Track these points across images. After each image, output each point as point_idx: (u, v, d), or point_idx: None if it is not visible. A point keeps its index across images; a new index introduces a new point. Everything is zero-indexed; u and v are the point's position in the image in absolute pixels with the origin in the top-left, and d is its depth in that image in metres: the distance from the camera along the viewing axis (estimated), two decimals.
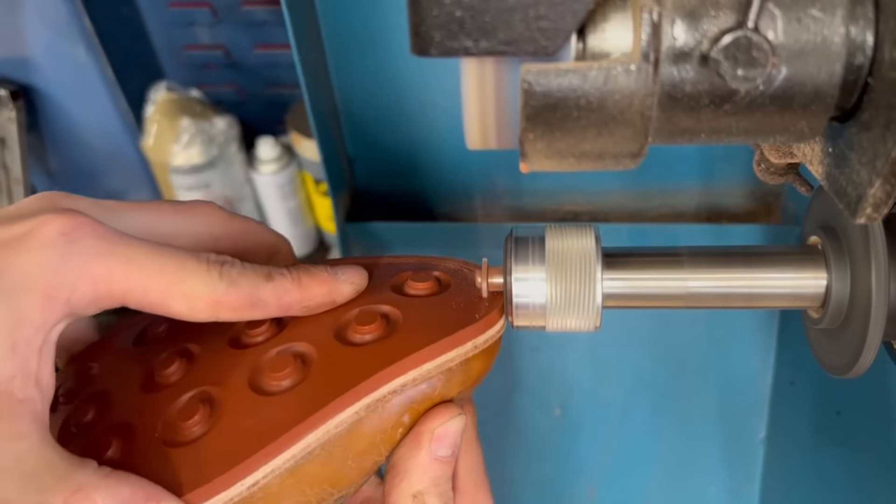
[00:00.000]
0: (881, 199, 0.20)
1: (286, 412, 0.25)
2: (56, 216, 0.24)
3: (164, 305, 0.25)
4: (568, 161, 0.22)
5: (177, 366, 0.28)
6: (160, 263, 0.25)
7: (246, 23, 0.81)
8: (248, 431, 0.25)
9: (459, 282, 0.30)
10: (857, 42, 0.20)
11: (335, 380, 0.26)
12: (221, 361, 0.28)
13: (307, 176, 0.88)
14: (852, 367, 0.28)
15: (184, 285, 0.25)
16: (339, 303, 0.29)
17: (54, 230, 0.24)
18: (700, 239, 0.60)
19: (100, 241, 0.24)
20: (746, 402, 0.63)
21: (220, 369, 0.28)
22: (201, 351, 0.29)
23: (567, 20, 0.19)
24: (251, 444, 0.24)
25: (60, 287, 0.23)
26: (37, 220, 0.24)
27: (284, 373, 0.26)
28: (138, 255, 0.25)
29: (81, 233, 0.24)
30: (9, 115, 0.82)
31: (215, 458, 0.25)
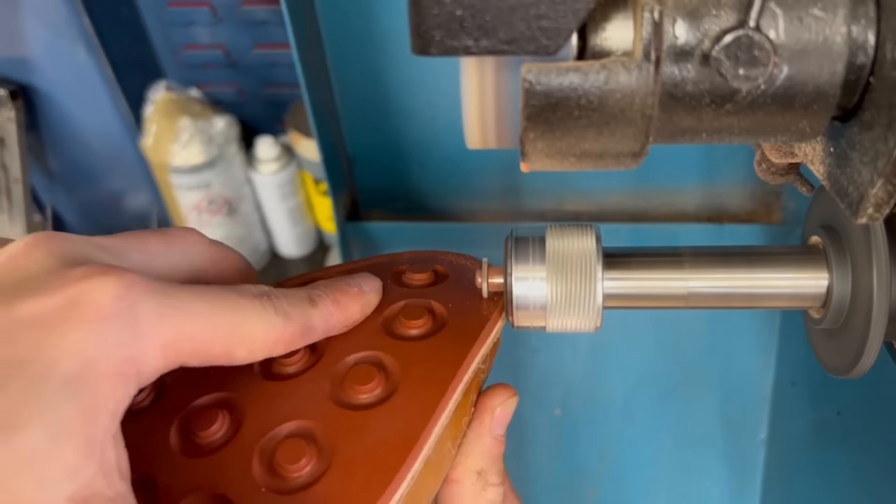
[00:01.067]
0: (883, 198, 0.20)
1: (398, 423, 0.24)
2: (102, 279, 0.21)
3: (227, 355, 0.23)
4: (568, 161, 0.22)
5: (221, 420, 0.25)
6: (218, 309, 0.22)
7: (246, 23, 0.81)
8: (372, 452, 0.23)
9: (460, 276, 0.31)
10: (858, 41, 0.20)
11: (422, 379, 0.26)
12: (279, 397, 0.26)
13: (307, 176, 0.88)
14: (853, 367, 0.28)
15: (245, 328, 0.23)
16: (367, 315, 0.28)
17: (108, 296, 0.20)
18: (701, 239, 0.60)
19: (158, 297, 0.21)
20: (747, 402, 0.63)
21: (287, 403, 0.25)
22: (241, 395, 0.26)
23: (568, 19, 0.19)
24: (386, 462, 0.23)
25: (131, 362, 0.20)
26: (77, 287, 0.20)
27: (373, 384, 0.25)
28: (198, 306, 0.22)
29: (138, 292, 0.21)
30: (8, 115, 0.82)
31: (358, 485, 0.22)
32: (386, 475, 0.22)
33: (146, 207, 0.96)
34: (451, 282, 0.30)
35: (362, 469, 0.23)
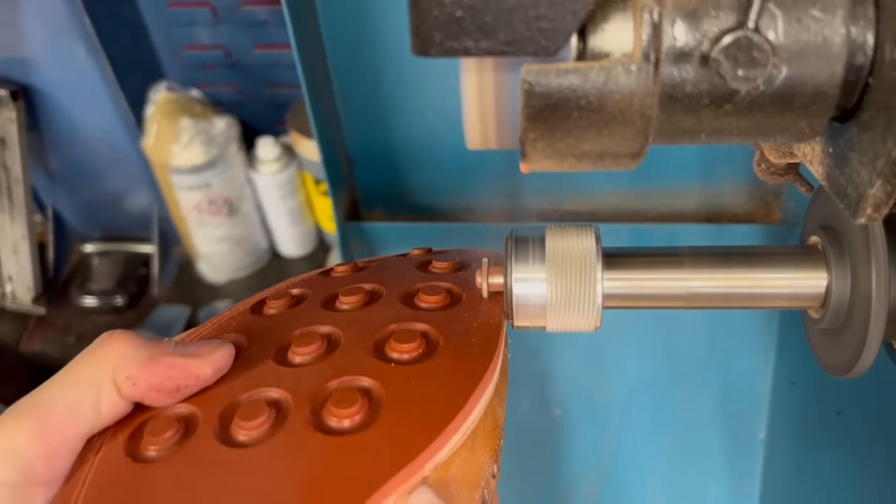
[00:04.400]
0: (881, 199, 0.20)
1: (448, 370, 0.25)
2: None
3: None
4: (568, 161, 0.22)
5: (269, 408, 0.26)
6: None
7: (246, 23, 0.81)
8: (421, 407, 0.24)
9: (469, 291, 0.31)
10: (857, 42, 0.20)
11: (466, 348, 0.26)
12: (326, 359, 0.27)
13: (307, 176, 0.88)
14: (852, 367, 0.28)
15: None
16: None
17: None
18: (700, 239, 0.60)
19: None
20: (746, 402, 0.63)
21: (337, 363, 0.26)
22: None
23: (567, 20, 0.19)
24: (436, 416, 0.23)
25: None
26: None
27: (415, 344, 0.26)
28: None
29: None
30: (9, 115, 0.82)
31: (406, 434, 0.23)
32: (429, 434, 0.23)
33: (146, 207, 0.96)
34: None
35: (410, 421, 0.23)
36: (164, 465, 0.23)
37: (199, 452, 0.23)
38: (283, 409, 0.24)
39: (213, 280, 0.97)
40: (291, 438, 0.23)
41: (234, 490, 0.22)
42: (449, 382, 0.25)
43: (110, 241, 1.00)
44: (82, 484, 0.23)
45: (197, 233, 0.92)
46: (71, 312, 0.94)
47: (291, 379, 0.25)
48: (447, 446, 0.23)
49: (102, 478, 0.23)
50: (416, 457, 0.22)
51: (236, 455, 0.23)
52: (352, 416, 0.23)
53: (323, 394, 0.24)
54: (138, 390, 0.24)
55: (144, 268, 0.99)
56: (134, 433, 0.24)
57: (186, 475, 0.22)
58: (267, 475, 0.22)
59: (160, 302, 0.96)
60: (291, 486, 0.21)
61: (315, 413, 0.24)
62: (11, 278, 0.92)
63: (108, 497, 0.22)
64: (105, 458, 0.23)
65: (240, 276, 0.97)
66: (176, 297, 0.97)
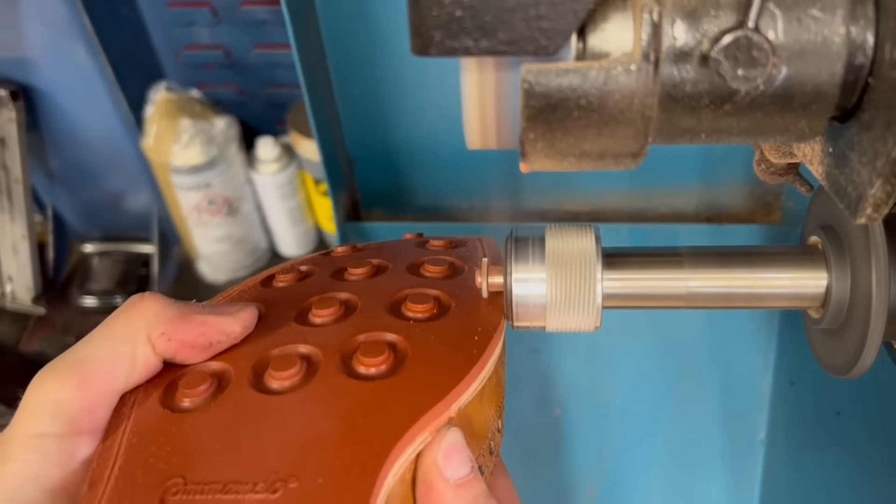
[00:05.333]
0: (881, 199, 0.20)
1: (462, 327, 0.27)
2: None
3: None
4: (568, 161, 0.22)
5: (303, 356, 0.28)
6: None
7: (246, 23, 0.81)
8: (442, 360, 0.26)
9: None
10: (857, 42, 0.20)
11: (475, 309, 0.28)
12: (350, 318, 0.29)
13: (307, 176, 0.88)
14: (852, 367, 0.28)
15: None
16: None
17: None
18: (700, 239, 0.60)
19: None
20: (746, 402, 0.63)
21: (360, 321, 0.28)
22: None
23: (567, 20, 0.19)
24: (454, 368, 0.25)
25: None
26: None
27: (429, 305, 0.28)
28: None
29: None
30: (9, 115, 0.82)
31: (430, 382, 0.25)
32: (453, 380, 0.25)
33: (146, 207, 0.96)
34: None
35: (435, 368, 0.25)
36: (203, 414, 0.24)
37: (237, 400, 0.24)
38: (314, 361, 0.26)
39: (212, 280, 0.97)
40: (325, 384, 0.25)
41: (277, 430, 0.23)
42: (464, 337, 0.27)
43: (110, 241, 1.00)
44: (122, 433, 0.24)
45: (197, 233, 0.92)
46: (71, 312, 0.94)
47: (317, 336, 0.27)
48: (469, 390, 0.25)
49: (142, 427, 0.24)
50: (444, 397, 0.24)
51: (274, 401, 0.24)
52: (380, 364, 0.25)
53: (351, 346, 0.26)
54: (172, 346, 0.25)
55: (144, 268, 0.98)
56: (168, 388, 0.25)
57: (226, 420, 0.24)
58: (306, 416, 0.24)
59: None
60: (331, 425, 0.23)
61: (345, 363, 0.25)
62: (11, 278, 0.92)
63: (150, 442, 0.23)
64: (142, 411, 0.24)
65: (239, 276, 0.97)
66: (176, 297, 0.96)
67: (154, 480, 0.22)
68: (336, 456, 0.22)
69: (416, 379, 0.25)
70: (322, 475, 0.21)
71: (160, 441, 0.23)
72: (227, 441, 0.23)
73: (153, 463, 0.23)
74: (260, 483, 0.21)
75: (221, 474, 0.22)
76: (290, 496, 0.21)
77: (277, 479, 0.21)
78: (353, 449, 0.22)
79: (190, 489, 0.22)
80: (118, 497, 0.22)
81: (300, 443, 0.23)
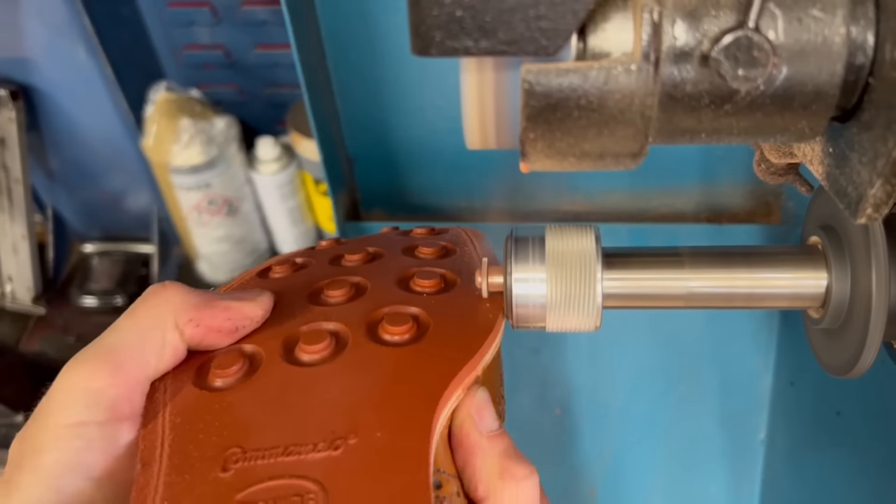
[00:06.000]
0: (882, 199, 0.20)
1: (471, 300, 0.29)
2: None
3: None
4: (568, 161, 0.22)
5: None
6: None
7: (246, 23, 0.81)
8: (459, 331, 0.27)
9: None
10: (857, 42, 0.20)
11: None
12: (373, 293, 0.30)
13: (307, 176, 0.88)
14: (853, 367, 0.28)
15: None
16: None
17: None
18: (700, 239, 0.60)
19: None
20: (746, 402, 0.63)
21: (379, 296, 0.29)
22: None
23: (567, 20, 0.19)
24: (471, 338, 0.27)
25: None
26: None
27: (436, 280, 0.29)
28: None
29: None
30: (9, 115, 0.82)
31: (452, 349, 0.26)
32: (476, 342, 0.26)
33: (146, 207, 0.96)
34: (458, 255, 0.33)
35: (457, 333, 0.27)
36: (243, 390, 0.25)
37: (274, 374, 0.25)
38: (340, 334, 0.27)
39: (212, 280, 0.97)
40: (358, 353, 0.26)
41: (322, 396, 0.24)
42: (476, 305, 0.28)
43: (110, 241, 1.00)
44: (163, 416, 0.24)
45: (197, 233, 0.92)
46: (71, 312, 0.94)
47: (337, 313, 0.28)
48: (490, 351, 0.27)
49: (182, 408, 0.24)
50: (471, 358, 0.26)
51: (311, 372, 0.25)
52: (405, 332, 0.26)
53: (375, 318, 0.27)
54: (200, 332, 0.26)
55: (144, 268, 0.99)
56: (198, 372, 0.26)
57: (269, 393, 0.25)
58: (348, 381, 0.25)
59: None
60: (375, 386, 0.24)
61: (371, 333, 0.27)
62: (11, 278, 0.92)
63: (196, 420, 0.24)
64: (178, 394, 0.25)
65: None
66: None
67: (211, 453, 0.23)
68: (388, 412, 0.23)
69: (441, 343, 0.26)
70: (379, 429, 0.23)
71: (206, 418, 0.24)
72: (276, 411, 0.24)
73: (204, 438, 0.23)
74: (320, 443, 0.22)
75: (279, 439, 0.23)
76: (352, 451, 0.22)
77: (336, 437, 0.23)
78: (403, 405, 0.24)
79: (250, 456, 0.22)
80: (177, 471, 0.22)
81: (350, 404, 0.24)
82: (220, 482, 0.22)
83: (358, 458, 0.22)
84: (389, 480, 0.21)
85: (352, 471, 0.22)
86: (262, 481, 0.22)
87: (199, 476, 0.22)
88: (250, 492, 0.21)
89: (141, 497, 0.22)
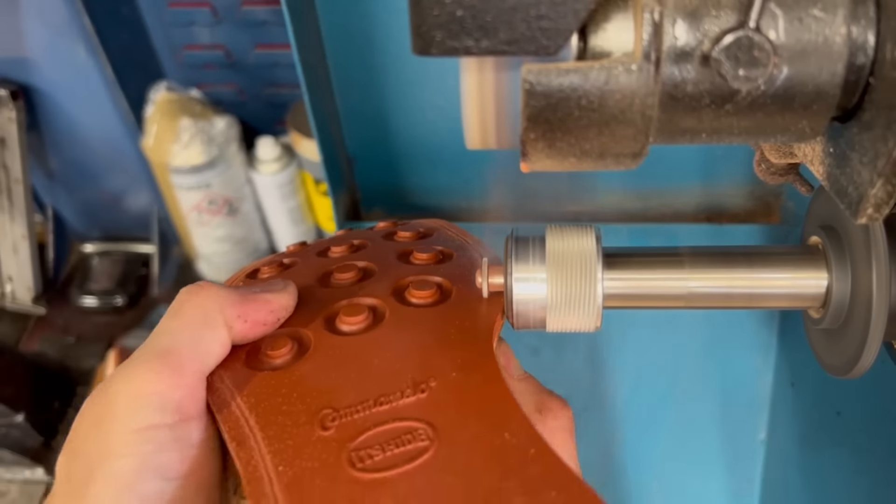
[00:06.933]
0: (882, 199, 0.20)
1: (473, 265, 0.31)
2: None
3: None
4: (569, 161, 0.22)
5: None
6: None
7: (246, 23, 0.81)
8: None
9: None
10: (858, 42, 0.20)
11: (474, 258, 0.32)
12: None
13: (307, 176, 0.88)
14: (853, 367, 0.28)
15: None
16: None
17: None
18: (700, 239, 0.60)
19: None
20: (746, 402, 0.63)
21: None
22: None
23: (568, 20, 0.19)
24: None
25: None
26: None
27: (434, 254, 0.32)
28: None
29: None
30: (9, 115, 0.82)
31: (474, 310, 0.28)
32: (497, 298, 0.28)
33: (146, 207, 0.96)
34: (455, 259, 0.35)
35: (477, 293, 0.28)
36: (302, 365, 0.26)
37: (327, 347, 0.27)
38: (373, 305, 0.29)
39: (213, 280, 0.97)
40: (398, 315, 0.28)
41: (385, 355, 0.26)
42: (478, 300, 0.29)
43: (110, 241, 1.00)
44: (235, 402, 0.25)
45: (197, 233, 0.92)
46: (71, 312, 0.94)
47: (360, 290, 0.30)
48: (498, 327, 0.28)
49: (253, 390, 0.25)
50: (499, 311, 0.28)
51: (361, 339, 0.27)
52: (431, 296, 0.29)
53: (401, 286, 0.29)
54: (247, 327, 0.27)
55: (144, 268, 0.99)
56: (249, 358, 0.27)
57: (333, 360, 0.26)
58: (402, 339, 0.27)
59: (160, 302, 0.96)
60: (429, 338, 0.27)
61: (401, 299, 0.29)
62: (11, 278, 0.92)
63: (273, 396, 0.25)
64: (239, 380, 0.26)
65: None
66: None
67: (303, 419, 0.24)
68: (454, 356, 0.26)
69: (468, 300, 0.28)
70: (453, 370, 0.25)
71: (282, 393, 0.25)
72: (348, 374, 0.25)
73: (289, 409, 0.24)
74: (406, 390, 0.24)
75: (365, 395, 0.24)
76: (438, 391, 0.24)
77: (418, 382, 0.25)
78: (464, 349, 0.26)
79: (344, 413, 0.24)
80: (277, 440, 0.23)
81: (416, 356, 0.26)
82: (327, 439, 0.23)
83: (446, 394, 0.24)
84: (482, 404, 0.24)
85: (447, 405, 0.24)
86: (368, 430, 0.23)
87: (302, 439, 0.23)
88: (361, 441, 0.23)
89: (251, 469, 0.22)
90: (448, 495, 0.21)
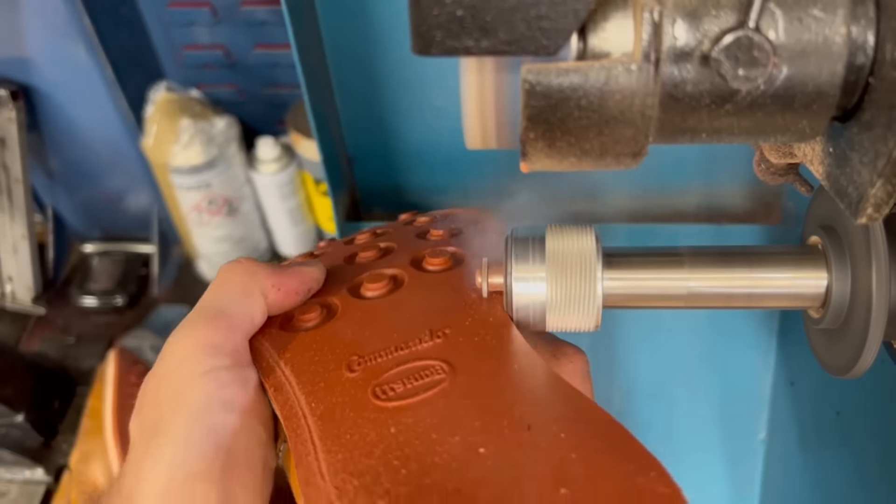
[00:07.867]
0: (882, 198, 0.20)
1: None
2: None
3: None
4: (568, 160, 0.22)
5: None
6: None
7: (246, 23, 0.81)
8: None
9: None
10: (858, 42, 0.20)
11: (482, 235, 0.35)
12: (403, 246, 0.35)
13: (307, 176, 0.88)
14: (853, 367, 0.28)
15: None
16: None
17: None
18: (700, 239, 0.60)
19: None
20: (746, 402, 0.63)
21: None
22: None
23: (568, 20, 0.19)
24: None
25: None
26: None
27: (447, 231, 0.35)
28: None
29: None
30: (9, 115, 0.82)
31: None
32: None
33: (146, 207, 0.96)
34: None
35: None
36: (331, 325, 0.29)
37: (353, 309, 0.30)
38: (395, 276, 0.31)
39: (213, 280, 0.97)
40: (417, 280, 0.31)
41: (407, 311, 0.29)
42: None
43: (110, 241, 1.00)
44: (272, 358, 0.28)
45: (197, 232, 0.92)
46: (71, 312, 0.94)
47: (378, 265, 0.33)
48: None
49: (287, 348, 0.28)
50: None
51: (384, 301, 0.30)
52: (446, 262, 0.31)
53: (418, 257, 0.32)
54: (282, 294, 0.29)
55: (144, 268, 0.98)
56: (283, 324, 0.30)
57: (359, 318, 0.29)
58: (420, 298, 0.30)
59: (160, 302, 0.96)
60: (447, 295, 0.29)
61: (418, 267, 0.32)
62: (11, 278, 0.92)
63: (304, 350, 0.28)
64: (276, 341, 0.29)
65: None
66: (176, 297, 0.96)
67: (332, 366, 0.27)
68: (468, 309, 0.28)
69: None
70: (467, 319, 0.28)
71: (314, 347, 0.28)
72: (374, 328, 0.28)
73: (320, 359, 0.27)
74: (424, 336, 0.27)
75: (388, 342, 0.27)
76: (453, 336, 0.27)
77: (435, 330, 0.27)
78: (476, 302, 0.29)
79: (369, 358, 0.27)
80: (309, 383, 0.26)
81: (434, 310, 0.29)
82: (354, 379, 0.26)
83: (461, 339, 0.27)
84: (495, 344, 0.26)
85: (461, 346, 0.27)
86: (391, 369, 0.26)
87: (332, 381, 0.26)
88: (385, 377, 0.26)
89: (287, 409, 0.26)
90: (464, 414, 0.23)
